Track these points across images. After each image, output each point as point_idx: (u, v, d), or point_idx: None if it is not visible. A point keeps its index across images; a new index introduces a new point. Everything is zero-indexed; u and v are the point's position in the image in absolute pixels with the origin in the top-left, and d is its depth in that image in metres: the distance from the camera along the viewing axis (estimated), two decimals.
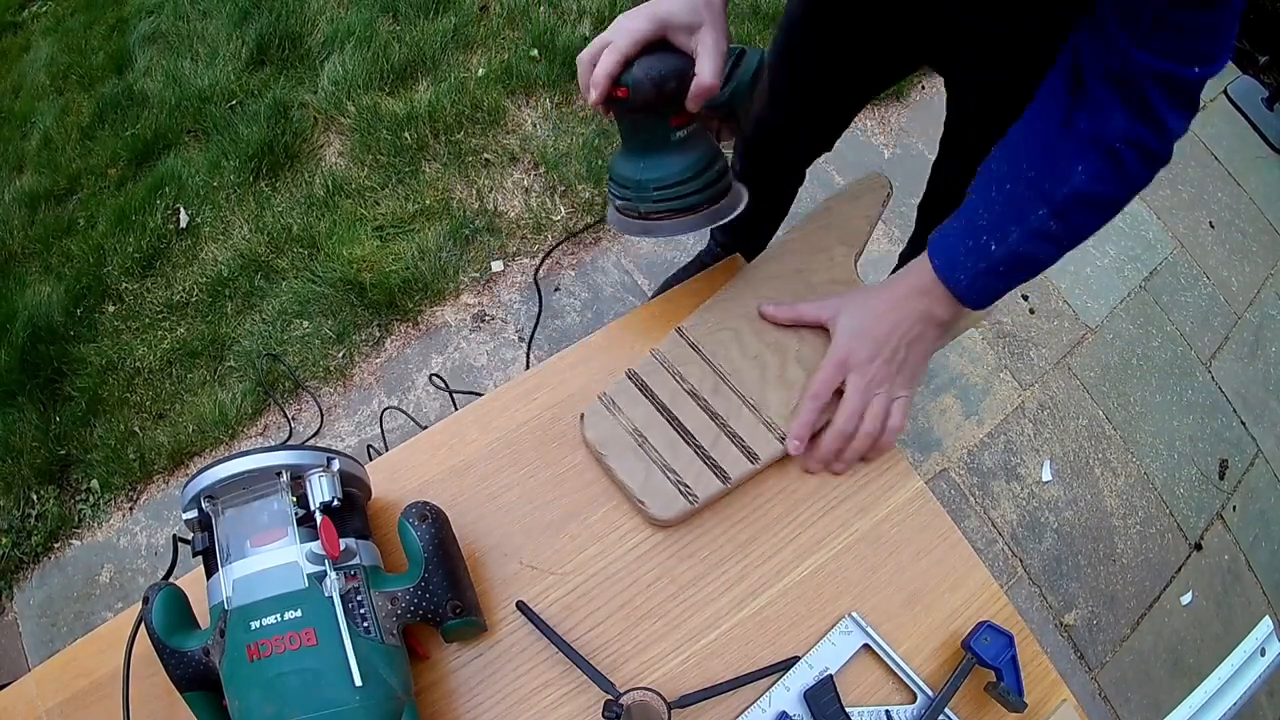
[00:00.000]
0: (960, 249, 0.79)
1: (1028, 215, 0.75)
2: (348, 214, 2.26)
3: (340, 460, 0.71)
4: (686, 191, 0.80)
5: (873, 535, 0.81)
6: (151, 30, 2.80)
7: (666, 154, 0.80)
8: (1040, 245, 0.75)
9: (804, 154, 1.51)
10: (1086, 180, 0.72)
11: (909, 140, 2.48)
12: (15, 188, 2.53)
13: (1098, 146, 0.71)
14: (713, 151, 0.81)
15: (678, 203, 0.81)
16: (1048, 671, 0.77)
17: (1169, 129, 0.69)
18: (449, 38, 2.57)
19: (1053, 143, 0.74)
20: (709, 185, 0.81)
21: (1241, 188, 2.58)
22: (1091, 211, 0.75)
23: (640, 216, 0.85)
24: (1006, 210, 0.76)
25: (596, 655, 0.75)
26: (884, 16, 1.09)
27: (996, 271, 0.77)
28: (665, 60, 0.74)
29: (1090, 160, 0.71)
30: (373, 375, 2.08)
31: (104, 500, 1.96)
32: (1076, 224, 0.75)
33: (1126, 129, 0.69)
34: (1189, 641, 1.90)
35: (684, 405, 0.84)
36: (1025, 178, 0.75)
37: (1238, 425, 2.19)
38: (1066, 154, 0.73)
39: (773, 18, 2.62)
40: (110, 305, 2.23)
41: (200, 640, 0.66)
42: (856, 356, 0.82)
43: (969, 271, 0.78)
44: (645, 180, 0.81)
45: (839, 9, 1.14)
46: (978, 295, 0.79)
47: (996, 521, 1.97)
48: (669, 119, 0.77)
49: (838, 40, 1.18)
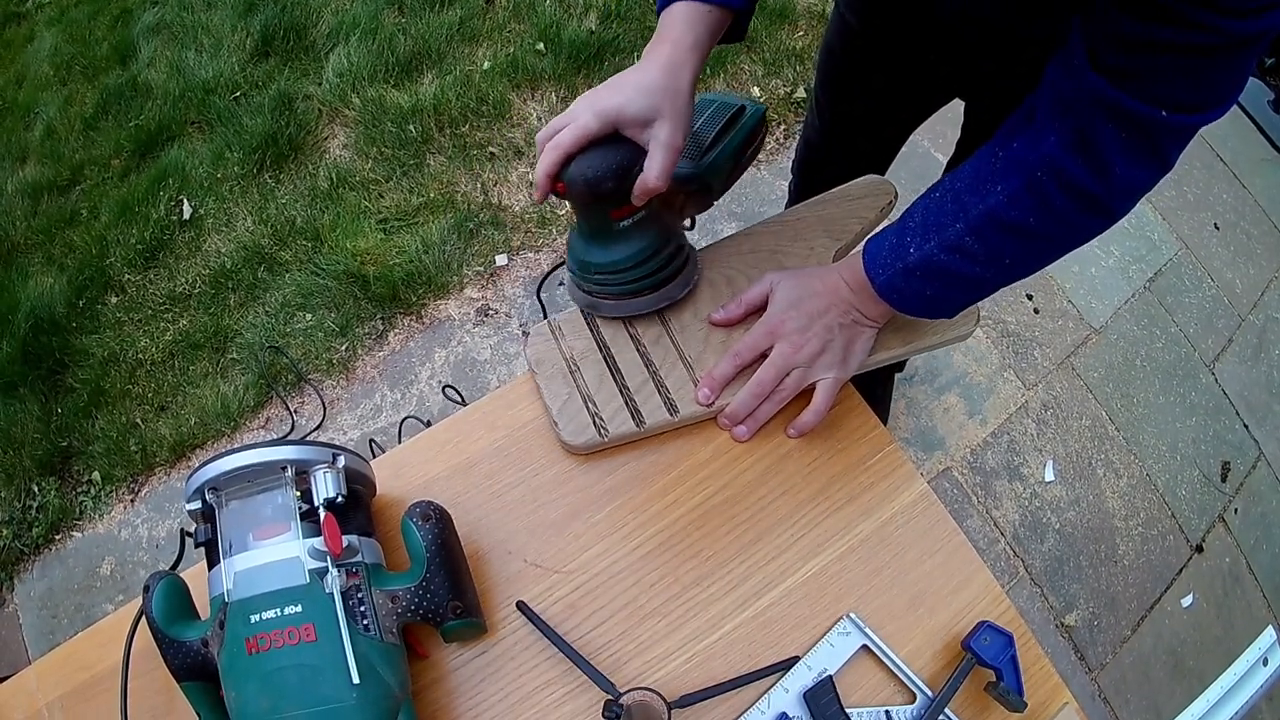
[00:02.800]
0: (886, 246, 0.79)
1: (946, 226, 0.74)
2: (352, 207, 2.26)
3: (346, 457, 0.71)
4: (627, 280, 0.81)
5: (876, 537, 0.81)
6: (156, 21, 2.80)
7: (611, 241, 0.80)
8: (955, 259, 0.74)
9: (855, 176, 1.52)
10: (1003, 202, 0.69)
11: (915, 138, 2.45)
12: (18, 178, 2.54)
13: (1020, 169, 0.68)
14: (659, 241, 0.81)
15: (618, 289, 0.82)
16: (1050, 674, 0.77)
17: (1114, 174, 0.64)
18: (454, 30, 2.56)
19: (986, 159, 0.73)
20: (651, 274, 0.81)
21: (1247, 189, 2.57)
22: (1010, 236, 0.71)
23: (586, 292, 0.86)
24: (930, 217, 0.76)
25: (599, 654, 0.75)
26: (915, 53, 1.09)
27: (912, 274, 0.76)
28: (606, 158, 0.72)
29: (1010, 181, 0.69)
30: (375, 369, 2.08)
31: (105, 492, 1.96)
32: (995, 246, 0.72)
33: (1052, 155, 0.65)
34: (1189, 644, 1.89)
35: (623, 346, 0.87)
36: (953, 190, 0.75)
37: (1240, 428, 2.18)
38: (991, 172, 0.71)
39: (780, 14, 2.62)
40: (113, 296, 2.24)
41: (200, 631, 0.66)
42: (786, 326, 0.83)
43: (887, 269, 0.78)
44: (589, 263, 0.82)
45: (874, 43, 1.14)
46: (895, 295, 0.79)
47: (999, 521, 1.97)
48: (609, 211, 0.77)
49: (879, 70, 1.18)
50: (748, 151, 0.88)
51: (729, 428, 0.85)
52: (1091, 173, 0.64)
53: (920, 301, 0.79)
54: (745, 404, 0.83)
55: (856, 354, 0.84)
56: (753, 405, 0.83)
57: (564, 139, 0.71)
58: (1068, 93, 0.64)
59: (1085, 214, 0.68)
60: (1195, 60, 0.57)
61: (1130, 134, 0.62)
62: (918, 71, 1.13)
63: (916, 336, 0.87)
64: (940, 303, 0.80)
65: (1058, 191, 0.67)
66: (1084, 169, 0.65)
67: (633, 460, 0.84)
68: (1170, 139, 0.63)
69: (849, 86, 1.27)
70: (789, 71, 2.53)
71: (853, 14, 1.13)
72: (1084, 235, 0.72)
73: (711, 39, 0.76)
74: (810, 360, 0.82)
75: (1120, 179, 0.64)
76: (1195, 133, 0.63)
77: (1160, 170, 0.65)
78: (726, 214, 2.32)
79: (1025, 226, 0.70)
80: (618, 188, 0.73)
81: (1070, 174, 0.65)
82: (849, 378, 0.85)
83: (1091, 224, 0.70)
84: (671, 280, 0.84)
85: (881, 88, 1.21)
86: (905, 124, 1.35)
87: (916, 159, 2.40)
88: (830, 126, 1.37)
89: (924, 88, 1.19)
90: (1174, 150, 0.64)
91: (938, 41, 1.03)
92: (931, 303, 0.79)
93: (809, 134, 1.46)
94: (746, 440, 0.85)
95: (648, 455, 0.84)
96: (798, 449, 0.85)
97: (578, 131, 0.71)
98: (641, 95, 0.71)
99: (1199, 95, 0.59)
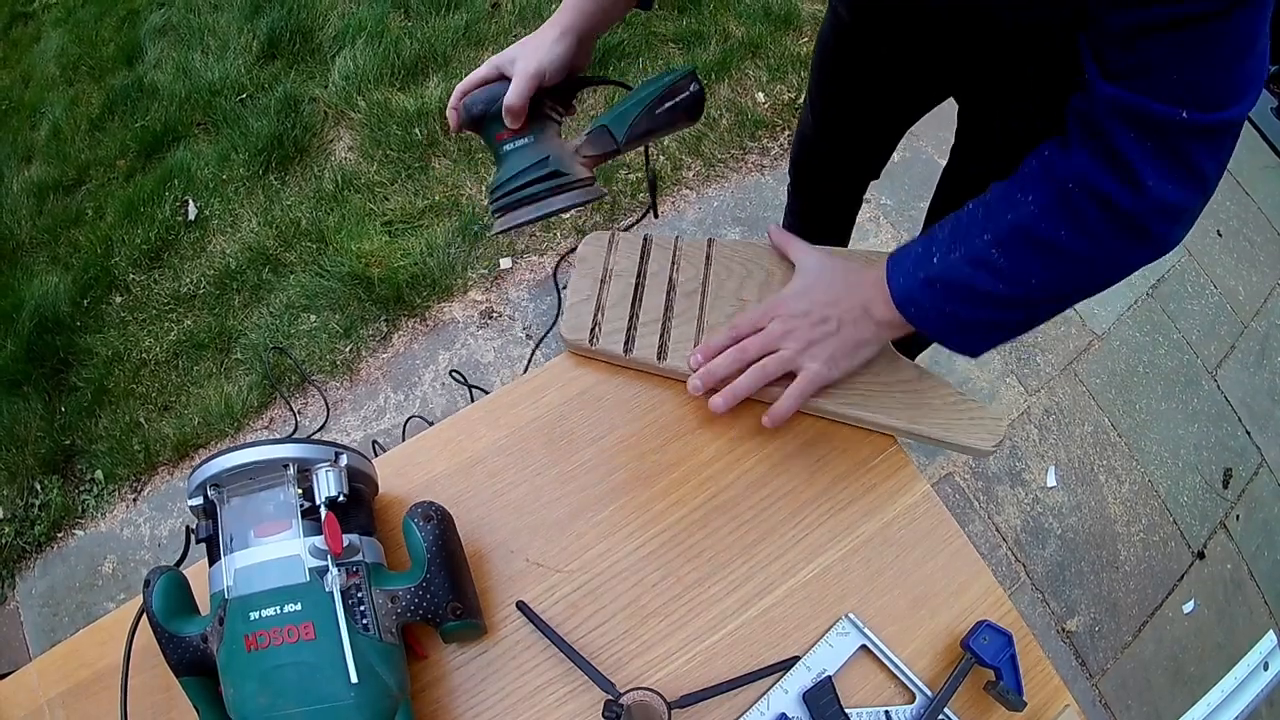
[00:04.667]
0: (911, 255, 0.78)
1: (974, 237, 0.73)
2: (357, 209, 2.26)
3: (348, 455, 0.71)
4: (506, 192, 0.85)
5: (879, 538, 0.81)
6: (162, 23, 2.81)
7: (501, 162, 0.87)
8: (979, 273, 0.72)
9: (852, 176, 1.53)
10: (1034, 213, 0.69)
11: (918, 144, 2.47)
12: (24, 178, 2.54)
13: (1051, 179, 0.68)
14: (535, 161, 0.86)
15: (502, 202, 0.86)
16: (1051, 677, 0.77)
17: (1147, 188, 0.62)
18: (460, 34, 2.57)
19: (1020, 173, 0.72)
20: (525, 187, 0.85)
21: (1250, 197, 2.57)
22: (1036, 251, 0.70)
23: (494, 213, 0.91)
24: (960, 228, 0.75)
25: (600, 654, 0.75)
26: (907, 46, 1.08)
27: (932, 285, 0.75)
28: (482, 91, 0.84)
29: (1040, 192, 0.68)
30: (379, 370, 2.08)
31: (108, 491, 1.97)
32: (1020, 261, 0.70)
33: (1084, 170, 0.65)
34: (1190, 650, 1.89)
35: (657, 285, 0.92)
36: (986, 200, 0.74)
37: (1242, 434, 2.18)
38: (1024, 181, 0.71)
39: (785, 19, 2.63)
40: (117, 296, 2.24)
41: (199, 626, 0.66)
42: (788, 307, 0.83)
43: (908, 276, 0.77)
44: (490, 183, 0.89)
45: (866, 36, 1.14)
46: (913, 306, 0.77)
47: (1000, 526, 1.97)
48: (493, 136, 0.86)
49: (871, 64, 1.18)
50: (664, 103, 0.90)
51: (700, 389, 0.84)
52: (1123, 186, 0.63)
53: (939, 319, 0.77)
54: (723, 366, 0.83)
55: (849, 359, 0.82)
56: (730, 368, 0.82)
57: (462, 84, 0.85)
58: (1089, 112, 0.64)
59: (1120, 235, 0.67)
60: (1191, 34, 0.56)
61: (1155, 143, 0.61)
62: (910, 66, 1.12)
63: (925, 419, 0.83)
64: (958, 324, 0.77)
65: (1090, 205, 0.65)
66: (1115, 182, 0.64)
67: (635, 460, 0.84)
68: (1196, 145, 0.61)
69: (841, 81, 1.26)
70: (793, 77, 2.53)
71: (845, 7, 1.13)
72: (1118, 260, 0.70)
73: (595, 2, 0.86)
74: (800, 347, 0.81)
75: (1154, 194, 0.62)
76: (1223, 139, 0.62)
77: (1197, 186, 0.64)
78: (731, 219, 2.33)
79: (1055, 242, 0.68)
80: (485, 111, 0.84)
81: (1101, 187, 0.64)
82: (832, 380, 0.82)
83: (1126, 247, 0.68)
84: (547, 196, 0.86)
85: (874, 82, 1.21)
86: (898, 122, 1.34)
87: (920, 165, 2.41)
88: (824, 123, 1.37)
89: (916, 83, 1.18)
90: (1205, 160, 0.62)
91: (929, 34, 1.02)
92: (950, 322, 0.76)
93: (803, 130, 1.46)
94: (723, 413, 0.83)
95: (650, 455, 0.84)
96: (801, 449, 0.85)
97: (469, 78, 0.85)
98: (516, 46, 0.84)
99: (1210, 82, 0.58)
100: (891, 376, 0.85)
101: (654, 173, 0.91)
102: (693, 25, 2.61)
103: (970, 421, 0.83)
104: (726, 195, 2.37)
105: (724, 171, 2.40)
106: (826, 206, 1.66)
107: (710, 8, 2.66)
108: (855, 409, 0.83)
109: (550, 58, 0.82)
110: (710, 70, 2.51)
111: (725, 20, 2.64)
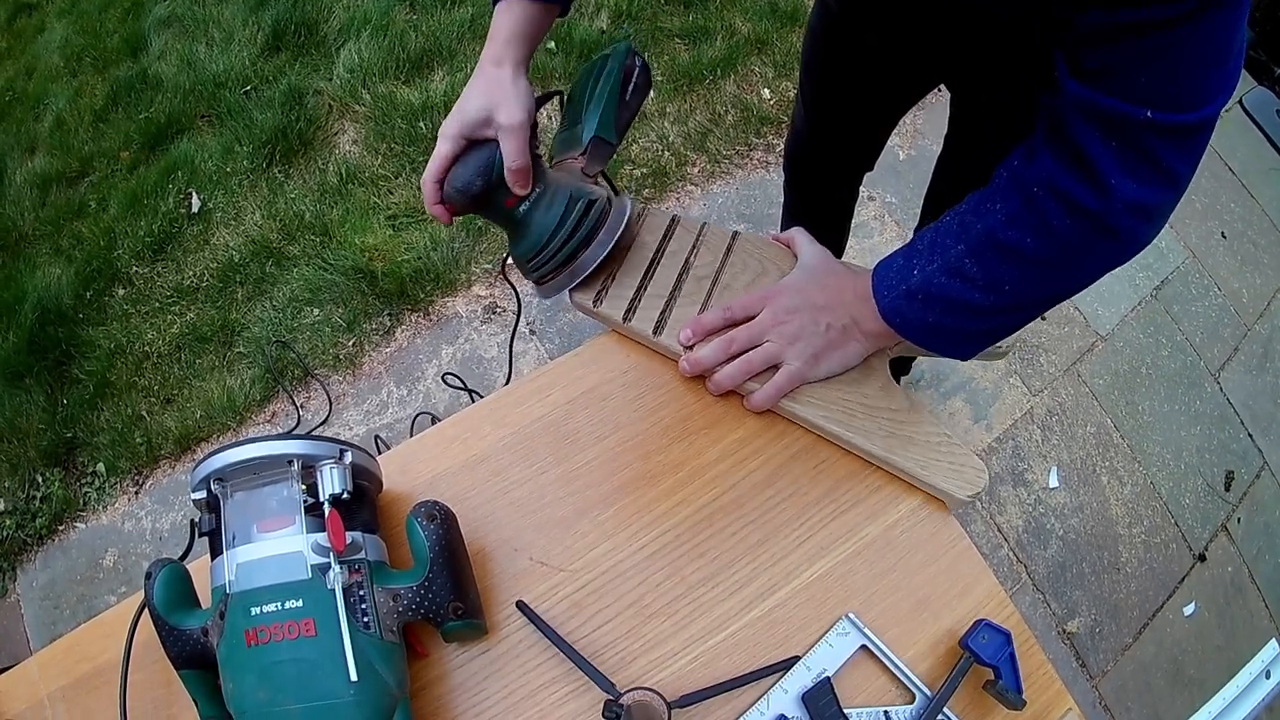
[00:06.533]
0: (894, 268, 0.79)
1: (949, 248, 0.73)
2: (360, 202, 2.26)
3: (353, 453, 0.71)
4: (551, 254, 0.83)
5: (882, 540, 0.81)
6: (167, 14, 2.80)
7: (523, 229, 0.83)
8: (955, 283, 0.73)
9: (844, 168, 1.53)
10: (1001, 221, 0.69)
11: (924, 142, 2.47)
12: (27, 169, 2.54)
13: (1018, 186, 0.68)
14: (564, 209, 0.83)
15: (553, 265, 0.84)
16: (1052, 679, 0.77)
17: (1112, 188, 0.62)
18: (466, 28, 2.57)
19: (992, 181, 0.72)
20: (570, 238, 0.83)
21: (1255, 199, 2.57)
22: (1005, 258, 0.70)
23: (538, 283, 0.89)
24: (937, 239, 0.76)
25: (603, 653, 0.75)
26: (895, 35, 1.08)
27: (914, 297, 0.76)
28: (465, 166, 0.78)
29: (1009, 200, 0.69)
30: (382, 364, 2.08)
31: (109, 484, 1.97)
32: (991, 269, 0.71)
33: (1049, 173, 0.65)
34: (1191, 653, 1.89)
35: (672, 263, 0.92)
36: (960, 211, 0.75)
37: (1245, 437, 2.18)
38: (993, 190, 0.71)
39: (791, 16, 2.62)
40: (120, 289, 2.24)
41: (200, 620, 0.66)
42: (781, 301, 0.83)
43: (891, 289, 0.78)
44: (519, 256, 0.86)
45: (854, 26, 1.14)
46: (898, 318, 0.78)
47: (1002, 527, 1.97)
48: (503, 204, 0.81)
49: (859, 54, 1.17)
50: (628, 90, 0.89)
51: (689, 372, 0.84)
52: (1088, 188, 0.63)
53: (923, 329, 0.78)
54: (712, 354, 0.83)
55: (832, 361, 0.83)
56: (718, 358, 0.83)
57: (429, 172, 0.79)
58: (1056, 109, 0.64)
59: (1087, 235, 0.66)
60: (1158, 38, 0.56)
61: (1120, 142, 0.61)
62: (898, 54, 1.12)
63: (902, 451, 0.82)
64: (943, 333, 0.78)
65: (1056, 209, 0.66)
66: (1080, 184, 0.63)
67: (640, 459, 0.84)
68: (1163, 144, 0.61)
69: (831, 72, 1.26)
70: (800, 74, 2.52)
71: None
72: (1090, 262, 0.70)
73: (531, 24, 0.80)
74: (786, 340, 0.81)
75: (1119, 194, 0.62)
76: (1193, 138, 0.61)
77: (1166, 184, 0.63)
78: (735, 215, 2.32)
79: (1022, 248, 0.69)
80: (487, 183, 0.78)
81: (1067, 190, 0.64)
82: (811, 379, 0.83)
83: (1096, 247, 0.68)
84: (596, 234, 0.85)
85: (863, 72, 1.20)
86: (890, 111, 1.34)
87: (926, 163, 2.40)
88: (815, 115, 1.37)
89: (905, 71, 1.18)
90: (1175, 159, 0.62)
91: (916, 22, 1.02)
92: (934, 331, 0.78)
93: (796, 124, 1.46)
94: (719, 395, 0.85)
95: (655, 455, 0.84)
96: (805, 450, 0.84)
97: (435, 160, 0.78)
98: (475, 99, 0.77)
99: (1178, 85, 0.58)
100: (880, 402, 0.84)
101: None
102: (699, 21, 2.61)
103: (950, 466, 0.82)
104: (731, 192, 2.37)
105: (729, 168, 2.40)
106: (822, 200, 1.65)
107: (716, 4, 2.66)
108: (836, 425, 0.82)
109: (525, 100, 0.78)
110: (716, 66, 2.50)
111: (731, 16, 2.64)
